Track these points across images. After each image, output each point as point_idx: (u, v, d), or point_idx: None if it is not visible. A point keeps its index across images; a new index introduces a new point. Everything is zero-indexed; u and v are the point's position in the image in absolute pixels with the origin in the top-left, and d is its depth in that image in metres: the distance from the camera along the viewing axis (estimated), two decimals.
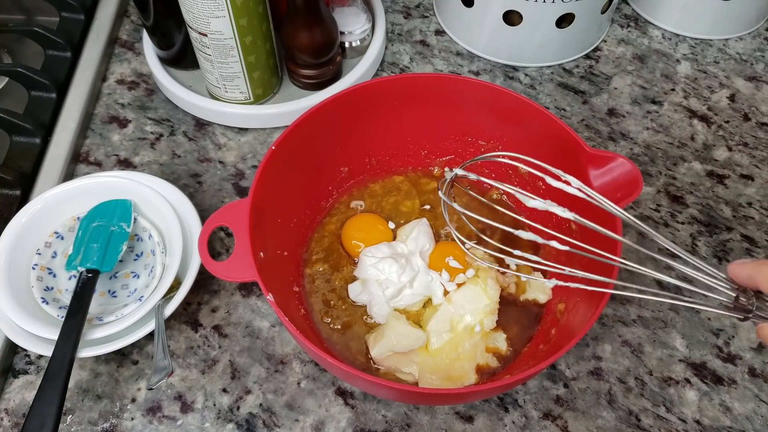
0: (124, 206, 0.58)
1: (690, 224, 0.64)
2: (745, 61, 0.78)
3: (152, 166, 0.69)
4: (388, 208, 0.63)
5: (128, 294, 0.57)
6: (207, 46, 0.63)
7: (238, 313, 0.59)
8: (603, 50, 0.79)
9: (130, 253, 0.60)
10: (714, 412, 0.54)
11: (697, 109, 0.73)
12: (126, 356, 0.57)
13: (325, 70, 0.70)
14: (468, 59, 0.78)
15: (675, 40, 0.80)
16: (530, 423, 0.54)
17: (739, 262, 0.39)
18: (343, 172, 0.63)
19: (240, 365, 0.56)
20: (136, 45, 0.79)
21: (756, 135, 0.71)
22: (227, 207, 0.49)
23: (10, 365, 0.57)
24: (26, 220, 0.57)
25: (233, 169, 0.68)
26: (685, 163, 0.69)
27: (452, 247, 0.59)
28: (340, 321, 0.56)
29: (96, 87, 0.74)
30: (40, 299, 0.55)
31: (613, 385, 0.55)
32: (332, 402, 0.55)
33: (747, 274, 0.38)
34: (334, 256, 0.60)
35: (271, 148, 0.52)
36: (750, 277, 0.38)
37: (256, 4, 0.61)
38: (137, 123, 0.72)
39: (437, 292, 0.56)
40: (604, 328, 0.58)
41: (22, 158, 0.67)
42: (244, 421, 0.54)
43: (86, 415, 0.54)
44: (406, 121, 0.60)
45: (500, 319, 0.55)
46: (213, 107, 0.70)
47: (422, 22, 0.81)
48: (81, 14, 0.78)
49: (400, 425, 0.54)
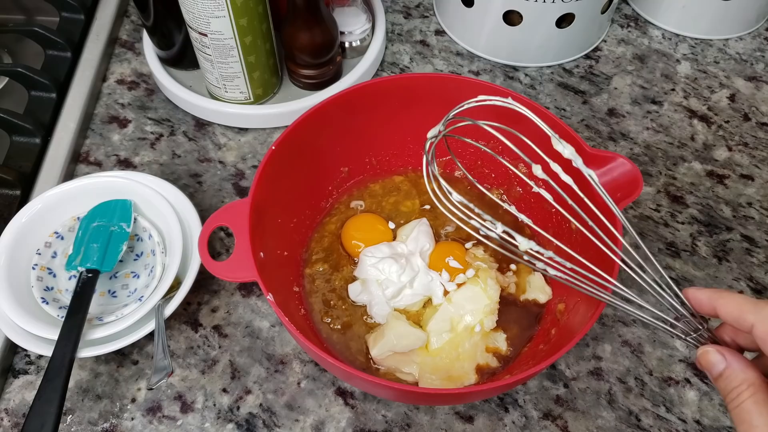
0: (124, 206, 0.58)
1: (690, 224, 0.64)
2: (745, 61, 0.78)
3: (152, 166, 0.69)
4: (388, 208, 0.63)
5: (128, 294, 0.57)
6: (207, 46, 0.63)
7: (238, 313, 0.59)
8: (603, 50, 0.79)
9: (130, 253, 0.60)
10: (714, 412, 0.54)
11: (697, 109, 0.73)
12: (126, 356, 0.57)
13: (325, 70, 0.70)
14: (468, 59, 0.78)
15: (675, 40, 0.80)
16: (530, 423, 0.54)
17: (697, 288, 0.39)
18: (343, 172, 0.63)
19: (240, 365, 0.56)
20: (136, 45, 0.79)
21: (756, 135, 0.71)
22: (227, 207, 0.49)
23: (10, 365, 0.57)
24: (26, 220, 0.57)
25: (233, 169, 0.68)
26: (685, 163, 0.69)
27: (452, 248, 0.59)
28: (340, 321, 0.56)
29: (96, 87, 0.74)
30: (40, 299, 0.55)
31: (613, 385, 0.55)
32: (332, 402, 0.55)
33: (708, 297, 0.38)
34: (334, 256, 0.60)
35: (271, 148, 0.52)
36: (710, 300, 0.38)
37: (256, 4, 0.61)
38: (137, 123, 0.72)
39: (437, 292, 0.56)
40: (604, 328, 0.58)
41: (22, 158, 0.67)
42: (244, 421, 0.54)
43: (86, 415, 0.54)
44: (406, 121, 0.60)
45: (500, 319, 0.55)
46: (213, 107, 0.70)
47: (422, 22, 0.82)
48: (81, 14, 0.78)
49: (400, 425, 0.54)
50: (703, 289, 0.39)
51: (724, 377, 0.36)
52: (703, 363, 0.38)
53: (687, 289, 0.40)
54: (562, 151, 0.42)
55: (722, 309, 0.38)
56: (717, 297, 0.38)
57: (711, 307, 0.38)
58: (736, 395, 0.35)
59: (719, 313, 0.38)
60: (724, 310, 0.37)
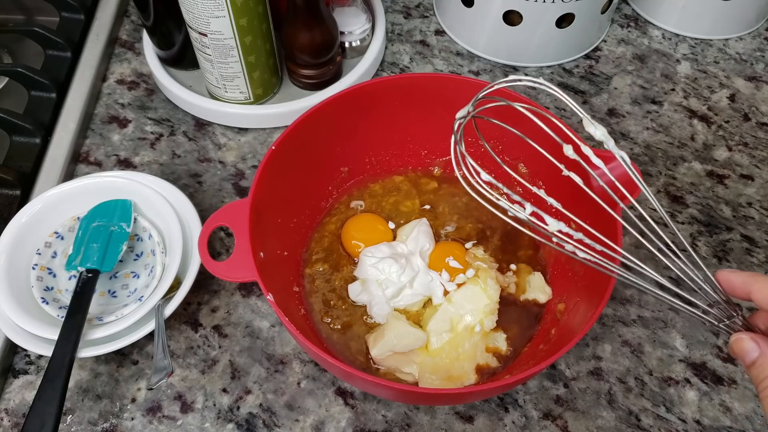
0: (124, 206, 0.58)
1: (690, 224, 0.64)
2: (745, 61, 0.78)
3: (152, 166, 0.69)
4: (388, 208, 0.63)
5: (128, 294, 0.57)
6: (207, 46, 0.63)
7: (238, 313, 0.59)
8: (603, 50, 0.79)
9: (130, 253, 0.60)
10: (714, 412, 0.54)
11: (697, 109, 0.73)
12: (126, 356, 0.57)
13: (325, 70, 0.70)
14: (468, 59, 0.78)
15: (675, 40, 0.80)
16: (530, 423, 0.54)
17: (731, 270, 0.38)
18: (343, 172, 0.63)
19: (240, 365, 0.56)
20: (136, 45, 0.79)
21: (756, 135, 0.71)
22: (227, 207, 0.49)
23: (10, 365, 0.57)
24: (26, 220, 0.57)
25: (233, 169, 0.68)
26: (685, 163, 0.69)
27: (452, 247, 0.59)
28: (340, 321, 0.56)
29: (96, 87, 0.74)
30: (40, 299, 0.55)
31: (613, 385, 0.55)
32: (332, 402, 0.55)
33: (742, 281, 0.37)
34: (334, 256, 0.60)
35: (271, 148, 0.52)
36: (744, 284, 0.37)
37: (256, 4, 0.61)
38: (137, 123, 0.72)
39: (437, 292, 0.56)
40: (604, 328, 0.58)
41: (22, 158, 0.67)
42: (244, 421, 0.54)
43: (86, 415, 0.54)
44: (406, 121, 0.60)
45: (500, 319, 0.55)
46: (213, 107, 0.70)
47: (422, 22, 0.82)
48: (81, 14, 0.78)
49: (400, 425, 0.54)
50: (738, 272, 0.37)
51: (757, 365, 0.35)
52: (736, 350, 0.36)
53: (720, 272, 0.38)
54: (593, 133, 0.42)
55: (757, 294, 0.36)
56: (752, 281, 0.36)
57: (745, 292, 0.37)
58: None
59: (753, 298, 0.36)
60: (759, 295, 0.36)
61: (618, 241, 0.46)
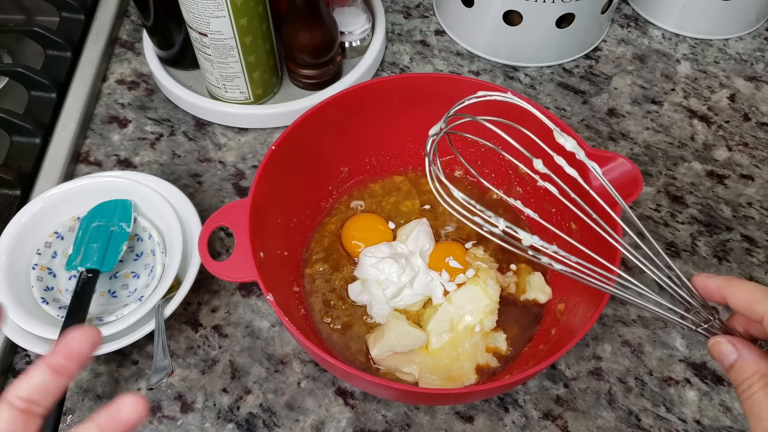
0: (124, 206, 0.58)
1: (690, 224, 0.64)
2: (745, 61, 0.78)
3: (152, 166, 0.69)
4: (388, 208, 0.63)
5: (128, 294, 0.57)
6: (207, 46, 0.63)
7: (238, 313, 0.59)
8: (603, 50, 0.79)
9: (130, 253, 0.60)
10: (714, 412, 0.54)
11: (697, 109, 0.73)
12: (126, 356, 0.57)
13: (325, 70, 0.70)
14: (468, 59, 0.78)
15: (675, 40, 0.80)
16: (530, 423, 0.54)
17: (707, 275, 0.38)
18: (343, 172, 0.63)
19: (240, 365, 0.56)
20: (136, 45, 0.79)
21: (756, 135, 0.71)
22: (227, 207, 0.49)
23: (10, 365, 0.57)
24: (26, 220, 0.57)
25: (233, 169, 0.68)
26: (685, 163, 0.69)
27: (452, 247, 0.59)
28: (340, 321, 0.56)
29: (96, 87, 0.74)
30: (40, 299, 0.55)
31: (613, 385, 0.55)
32: (332, 402, 0.55)
33: (717, 286, 0.37)
34: (334, 256, 0.60)
35: (271, 148, 0.52)
36: (719, 288, 0.37)
37: (256, 4, 0.61)
38: (137, 123, 0.72)
39: (437, 292, 0.56)
40: (604, 328, 0.58)
41: (22, 158, 0.67)
42: (244, 421, 0.54)
43: (86, 415, 0.54)
44: (406, 121, 0.60)
45: (500, 319, 0.55)
46: (213, 107, 0.70)
47: (422, 22, 0.82)
48: (81, 14, 0.78)
49: (400, 425, 0.54)
50: (713, 277, 0.37)
51: (735, 368, 0.35)
52: (714, 354, 0.37)
53: (696, 277, 0.38)
54: (564, 144, 0.42)
55: (732, 298, 0.36)
56: (727, 285, 0.36)
57: (721, 296, 0.37)
58: (747, 386, 0.34)
59: (729, 302, 0.36)
60: (734, 299, 0.36)
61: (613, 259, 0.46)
